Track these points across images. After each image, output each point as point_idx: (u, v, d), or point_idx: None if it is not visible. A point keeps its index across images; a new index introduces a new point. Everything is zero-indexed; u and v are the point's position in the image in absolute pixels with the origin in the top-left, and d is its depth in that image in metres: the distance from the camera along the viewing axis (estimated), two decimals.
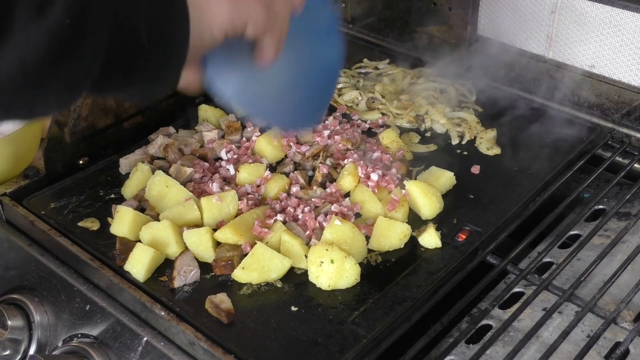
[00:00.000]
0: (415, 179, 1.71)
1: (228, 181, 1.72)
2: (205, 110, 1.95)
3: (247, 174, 1.70)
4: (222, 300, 1.39)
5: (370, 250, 1.54)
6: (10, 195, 1.68)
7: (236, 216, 1.58)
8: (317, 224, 1.56)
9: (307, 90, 1.28)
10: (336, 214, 1.56)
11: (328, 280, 1.44)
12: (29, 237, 1.64)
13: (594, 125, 1.88)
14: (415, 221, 1.61)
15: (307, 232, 1.55)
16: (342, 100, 2.02)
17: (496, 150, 1.82)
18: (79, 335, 1.50)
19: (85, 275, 1.52)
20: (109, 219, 1.61)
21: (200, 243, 1.51)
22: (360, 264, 1.49)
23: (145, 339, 1.39)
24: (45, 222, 1.61)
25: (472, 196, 1.68)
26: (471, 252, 1.53)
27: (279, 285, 1.47)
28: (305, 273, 1.48)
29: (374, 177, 1.67)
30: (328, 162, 1.75)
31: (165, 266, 1.50)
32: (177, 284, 1.45)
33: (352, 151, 1.78)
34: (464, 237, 1.56)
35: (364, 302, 1.42)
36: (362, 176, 1.68)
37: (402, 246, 1.55)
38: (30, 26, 0.80)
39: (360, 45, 2.30)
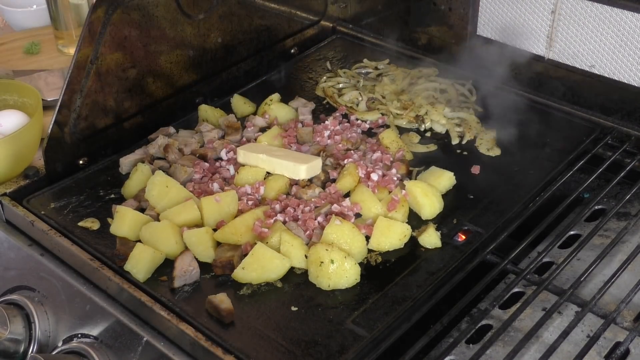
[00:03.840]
0: (415, 179, 1.71)
1: (228, 181, 1.72)
2: (205, 110, 1.95)
3: (246, 174, 1.70)
4: (222, 300, 1.39)
5: (370, 250, 1.54)
6: (10, 195, 1.68)
7: (236, 216, 1.58)
8: (317, 224, 1.56)
9: None
10: (336, 214, 1.56)
11: (328, 280, 1.44)
12: (29, 237, 1.64)
13: (594, 125, 1.88)
14: (415, 221, 1.61)
15: (307, 232, 1.55)
16: (342, 101, 2.02)
17: (496, 151, 1.81)
18: (79, 335, 1.50)
19: (85, 275, 1.52)
20: (109, 219, 1.61)
21: (200, 243, 1.51)
22: (360, 264, 1.49)
23: (145, 339, 1.39)
24: (45, 222, 1.61)
25: (472, 196, 1.68)
26: (471, 252, 1.53)
27: (279, 285, 1.47)
28: (305, 273, 1.48)
29: (374, 177, 1.67)
30: (328, 162, 1.75)
31: (165, 266, 1.50)
32: (177, 284, 1.45)
33: (352, 151, 1.78)
34: (464, 237, 1.56)
35: (364, 302, 1.42)
36: (362, 176, 1.68)
37: (402, 246, 1.55)
38: None
39: (360, 45, 2.30)
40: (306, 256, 1.49)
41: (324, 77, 2.13)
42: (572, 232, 1.64)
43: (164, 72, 1.91)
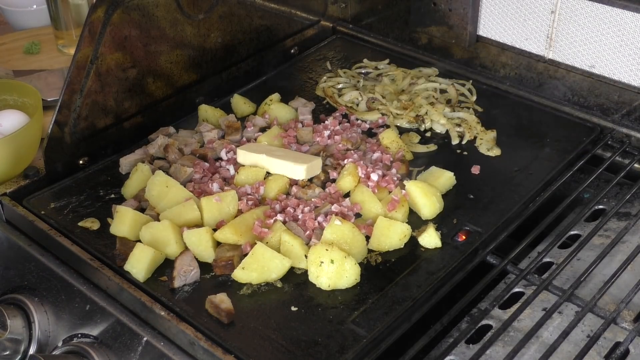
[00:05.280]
0: (415, 179, 1.71)
1: (228, 181, 1.72)
2: (205, 110, 1.95)
3: (246, 174, 1.70)
4: (222, 300, 1.39)
5: (370, 250, 1.54)
6: (10, 195, 1.68)
7: (236, 216, 1.58)
8: (317, 224, 1.56)
9: None
10: (336, 214, 1.56)
11: (328, 280, 1.44)
12: (29, 237, 1.64)
13: (594, 125, 1.88)
14: (415, 221, 1.61)
15: (307, 232, 1.55)
16: (342, 101, 2.02)
17: (496, 151, 1.81)
18: (79, 335, 1.50)
19: (85, 275, 1.52)
20: (109, 219, 1.61)
21: (200, 243, 1.51)
22: (360, 264, 1.49)
23: (145, 339, 1.40)
24: (45, 222, 1.61)
25: (472, 196, 1.68)
26: (471, 252, 1.53)
27: (279, 285, 1.47)
28: (305, 273, 1.48)
29: (374, 177, 1.67)
30: (328, 162, 1.75)
31: (165, 266, 1.50)
32: (177, 284, 1.45)
33: (352, 151, 1.78)
34: (464, 237, 1.56)
35: (364, 302, 1.42)
36: (362, 176, 1.68)
37: (402, 246, 1.55)
38: None
39: (360, 45, 2.30)
40: (306, 256, 1.49)
41: (324, 77, 2.13)
42: (572, 232, 1.64)
43: (164, 72, 1.91)
